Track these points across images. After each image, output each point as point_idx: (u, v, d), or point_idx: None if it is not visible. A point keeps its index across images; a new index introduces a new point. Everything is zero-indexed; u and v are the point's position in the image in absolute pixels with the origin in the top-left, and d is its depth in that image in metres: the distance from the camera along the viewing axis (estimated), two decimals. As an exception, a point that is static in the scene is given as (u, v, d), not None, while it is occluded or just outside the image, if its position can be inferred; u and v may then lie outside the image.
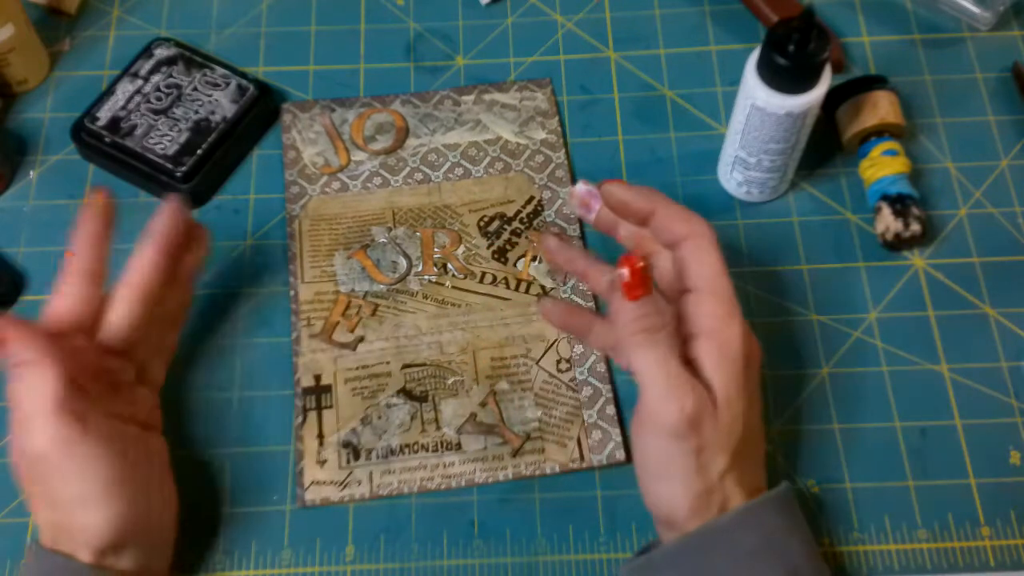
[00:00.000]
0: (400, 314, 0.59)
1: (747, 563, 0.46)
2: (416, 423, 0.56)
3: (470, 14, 0.70)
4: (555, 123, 0.65)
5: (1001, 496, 0.54)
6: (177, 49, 0.66)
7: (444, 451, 0.55)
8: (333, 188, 0.63)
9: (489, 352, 0.58)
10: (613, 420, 0.56)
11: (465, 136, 0.65)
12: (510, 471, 0.55)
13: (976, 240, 0.62)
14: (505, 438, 0.55)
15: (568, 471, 0.55)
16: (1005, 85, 0.67)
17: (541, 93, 0.66)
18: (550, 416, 0.56)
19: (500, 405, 0.56)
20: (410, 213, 0.62)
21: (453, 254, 0.61)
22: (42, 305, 0.60)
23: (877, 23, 0.70)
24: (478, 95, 0.66)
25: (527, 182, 0.63)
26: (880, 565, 0.53)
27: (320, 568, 0.53)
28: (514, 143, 0.65)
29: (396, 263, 0.61)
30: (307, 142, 0.65)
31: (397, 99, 0.66)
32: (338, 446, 0.55)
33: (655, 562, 0.47)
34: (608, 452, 0.55)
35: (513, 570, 0.53)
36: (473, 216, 0.62)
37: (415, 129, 0.65)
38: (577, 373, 0.57)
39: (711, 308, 0.47)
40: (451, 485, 0.54)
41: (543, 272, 0.60)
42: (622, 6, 0.71)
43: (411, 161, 0.64)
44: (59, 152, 0.65)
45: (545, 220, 0.62)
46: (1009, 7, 0.69)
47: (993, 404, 0.57)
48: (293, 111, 0.66)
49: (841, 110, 0.63)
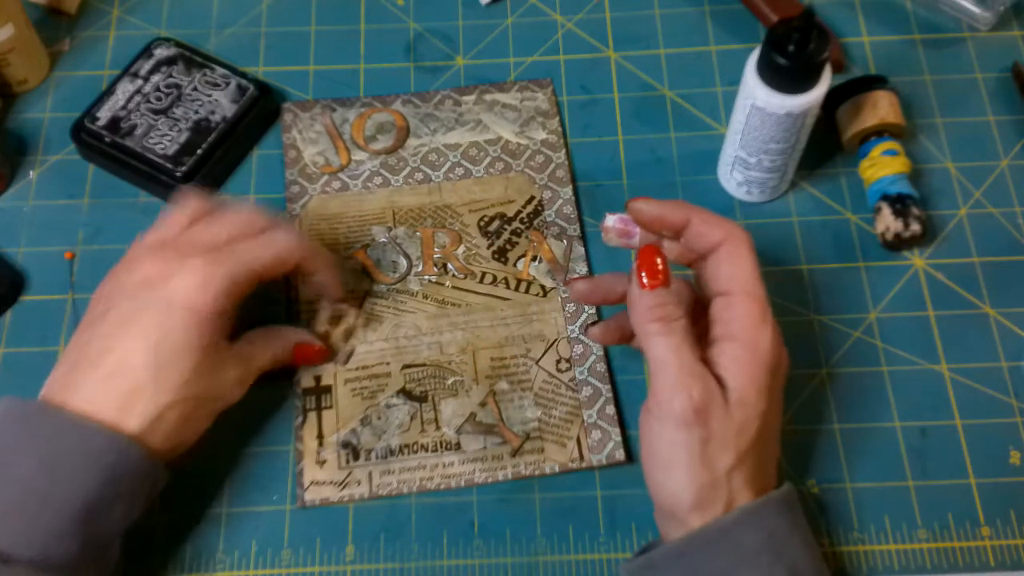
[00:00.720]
0: (400, 314, 0.59)
1: (749, 563, 0.45)
2: (416, 423, 0.56)
3: (470, 14, 0.70)
4: (556, 123, 0.65)
5: (1001, 496, 0.54)
6: (177, 49, 0.66)
7: (444, 451, 0.55)
8: (334, 188, 0.63)
9: (489, 352, 0.58)
10: (613, 420, 0.56)
11: (466, 136, 0.65)
12: (509, 471, 0.55)
13: (976, 240, 0.62)
14: (505, 438, 0.55)
15: (568, 471, 0.55)
16: (1005, 85, 0.67)
17: (542, 93, 0.66)
18: (550, 416, 0.56)
19: (500, 405, 0.56)
20: (410, 213, 0.62)
21: (453, 254, 0.61)
22: (42, 305, 0.60)
23: (877, 23, 0.70)
24: (479, 95, 0.66)
25: (527, 182, 0.63)
26: (880, 565, 0.53)
27: (320, 568, 0.53)
28: (515, 143, 0.65)
29: (396, 263, 0.61)
30: (308, 142, 0.65)
31: (398, 99, 0.67)
32: (338, 446, 0.55)
33: (655, 561, 0.47)
34: (608, 452, 0.55)
35: (513, 570, 0.53)
36: (473, 216, 0.62)
37: (416, 129, 0.65)
38: (577, 373, 0.57)
39: (744, 310, 0.47)
40: (451, 485, 0.54)
41: (543, 272, 0.60)
42: (622, 6, 0.71)
43: (412, 161, 0.64)
44: (59, 152, 0.65)
45: (545, 220, 0.62)
46: (1009, 7, 0.69)
47: (993, 404, 0.57)
48: (294, 111, 0.66)
49: (841, 110, 0.63)
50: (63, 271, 0.61)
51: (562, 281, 0.60)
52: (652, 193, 0.63)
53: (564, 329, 0.58)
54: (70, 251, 0.62)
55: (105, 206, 0.63)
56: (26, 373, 0.58)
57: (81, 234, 0.62)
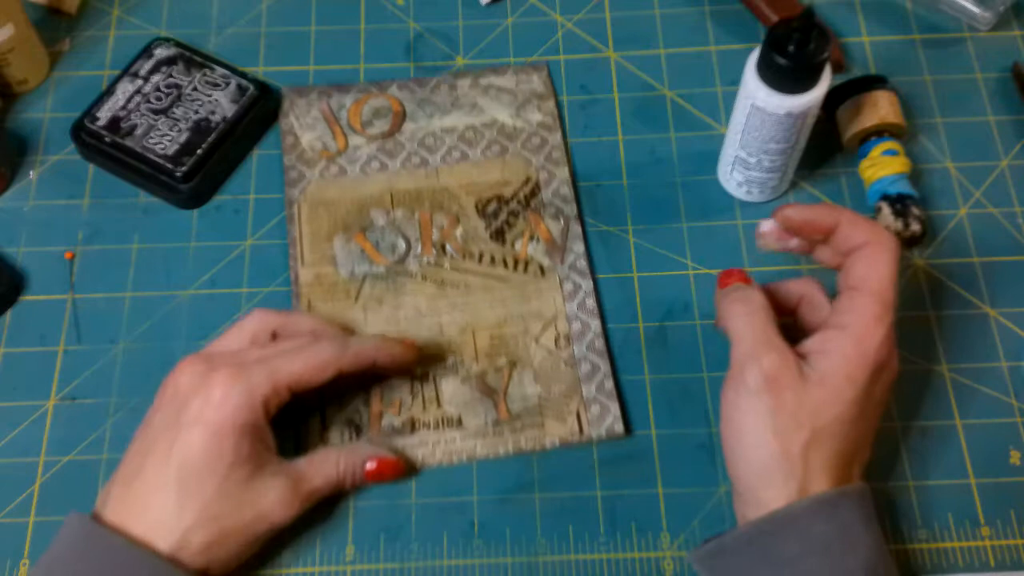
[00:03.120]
0: (400, 296, 0.59)
1: (818, 553, 0.45)
2: (418, 401, 0.56)
3: (470, 14, 0.70)
4: (551, 105, 0.65)
5: (1001, 496, 0.54)
6: (177, 49, 0.66)
7: (445, 428, 0.56)
8: (332, 172, 0.64)
9: (488, 331, 0.58)
10: (612, 395, 0.56)
11: (462, 119, 0.65)
12: (510, 446, 0.55)
13: (976, 240, 0.62)
14: (498, 410, 0.56)
15: (568, 444, 0.55)
16: (1005, 85, 0.67)
17: (537, 76, 0.67)
18: (549, 392, 0.56)
19: (510, 377, 0.57)
20: (408, 196, 0.63)
21: (452, 235, 0.61)
22: (42, 305, 0.60)
23: (877, 23, 0.70)
24: (474, 79, 0.67)
25: (524, 164, 0.64)
26: (880, 565, 0.53)
27: (320, 568, 0.53)
28: (511, 126, 0.65)
29: (395, 245, 0.61)
30: (305, 127, 0.65)
31: (394, 84, 0.67)
32: (341, 424, 0.56)
33: (726, 545, 0.47)
34: (607, 425, 0.55)
35: (513, 570, 0.53)
36: (471, 198, 0.62)
37: (412, 114, 0.66)
38: (575, 350, 0.57)
39: (863, 305, 0.48)
40: (452, 460, 0.55)
41: (541, 252, 0.61)
42: (622, 6, 0.71)
43: (409, 145, 0.64)
44: (59, 152, 0.65)
45: (542, 200, 0.62)
46: (1009, 7, 0.69)
47: (993, 404, 0.57)
48: (291, 97, 0.66)
49: (841, 110, 0.63)
50: (63, 271, 0.61)
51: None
52: (652, 193, 0.63)
53: (562, 307, 0.59)
54: (70, 251, 0.62)
55: (105, 206, 0.63)
56: (26, 373, 0.58)
57: (81, 234, 0.62)
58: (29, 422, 0.57)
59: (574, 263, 0.60)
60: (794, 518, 0.46)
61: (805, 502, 0.46)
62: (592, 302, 0.59)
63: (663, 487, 0.55)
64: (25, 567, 0.53)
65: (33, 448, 0.56)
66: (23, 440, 0.56)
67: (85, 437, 0.56)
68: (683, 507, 0.54)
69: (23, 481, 0.55)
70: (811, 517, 0.46)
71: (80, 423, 0.56)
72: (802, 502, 0.46)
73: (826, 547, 0.45)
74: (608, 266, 0.61)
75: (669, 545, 0.53)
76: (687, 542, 0.53)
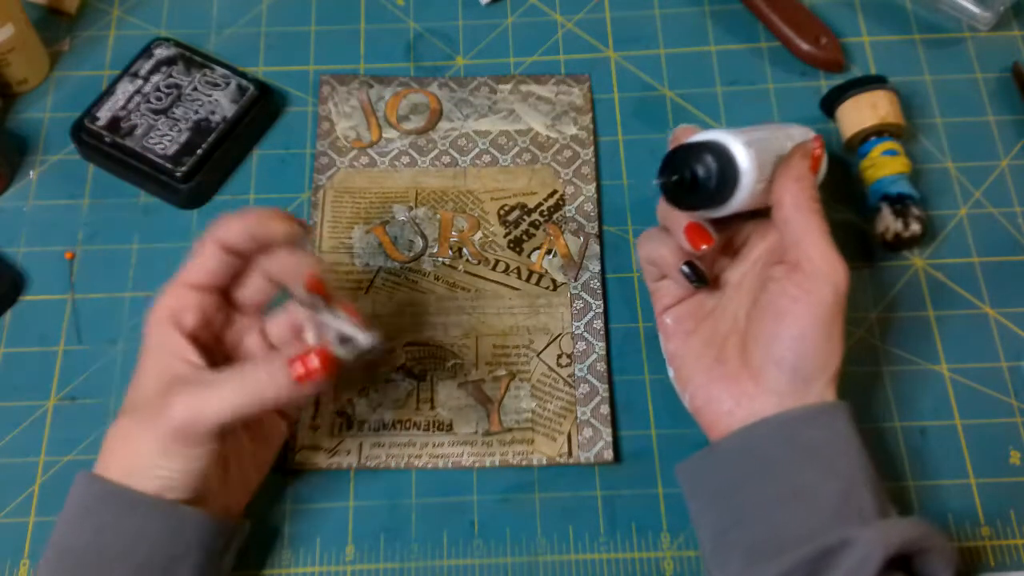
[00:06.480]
0: (410, 292, 0.59)
1: (807, 456, 0.47)
2: (411, 400, 0.56)
3: (470, 14, 0.70)
4: (588, 120, 0.66)
5: (1001, 496, 0.54)
6: (177, 49, 0.66)
7: (435, 431, 0.56)
8: (361, 163, 0.64)
9: (492, 339, 0.58)
10: (606, 420, 0.56)
11: (497, 124, 0.65)
12: (497, 458, 0.55)
13: (976, 240, 0.62)
14: (490, 420, 0.56)
15: (555, 464, 0.55)
16: (1005, 85, 0.67)
17: (578, 88, 0.67)
18: (544, 409, 0.56)
19: (508, 390, 0.57)
20: (433, 195, 0.63)
21: (470, 239, 0.61)
22: (42, 305, 0.60)
23: (877, 23, 0.70)
24: (515, 84, 0.67)
25: (552, 176, 0.64)
26: (880, 565, 0.53)
27: (320, 568, 0.53)
28: (544, 136, 0.65)
29: (413, 242, 0.61)
30: (342, 115, 0.65)
31: (435, 81, 0.67)
32: (333, 414, 0.56)
33: (721, 447, 0.49)
34: (597, 451, 0.55)
35: (513, 570, 0.53)
36: (494, 204, 0.63)
37: (449, 113, 0.66)
38: (576, 369, 0.57)
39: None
40: (438, 465, 0.55)
41: (556, 266, 0.60)
42: (622, 6, 0.71)
43: (441, 144, 0.65)
44: (59, 152, 0.65)
45: (565, 215, 0.62)
46: (1009, 7, 0.69)
47: (993, 404, 0.57)
48: (332, 83, 0.67)
49: (841, 110, 0.63)
50: (63, 271, 0.61)
51: (572, 277, 0.60)
52: (652, 192, 0.63)
53: (570, 324, 0.59)
54: (70, 251, 0.62)
55: (105, 206, 0.63)
56: (26, 373, 0.58)
57: (81, 234, 0.62)
58: (29, 422, 0.57)
59: (588, 282, 0.60)
60: (784, 424, 0.48)
61: (798, 410, 0.48)
62: (600, 323, 0.59)
63: (663, 487, 0.55)
64: (25, 567, 0.53)
65: (33, 448, 0.56)
66: (23, 440, 0.56)
67: (85, 437, 0.56)
68: (683, 507, 0.53)
69: (23, 481, 0.55)
70: (802, 424, 0.48)
71: (80, 423, 0.56)
72: (796, 409, 0.48)
73: (814, 452, 0.47)
74: (608, 266, 0.61)
75: (669, 545, 0.53)
76: (687, 542, 0.53)
